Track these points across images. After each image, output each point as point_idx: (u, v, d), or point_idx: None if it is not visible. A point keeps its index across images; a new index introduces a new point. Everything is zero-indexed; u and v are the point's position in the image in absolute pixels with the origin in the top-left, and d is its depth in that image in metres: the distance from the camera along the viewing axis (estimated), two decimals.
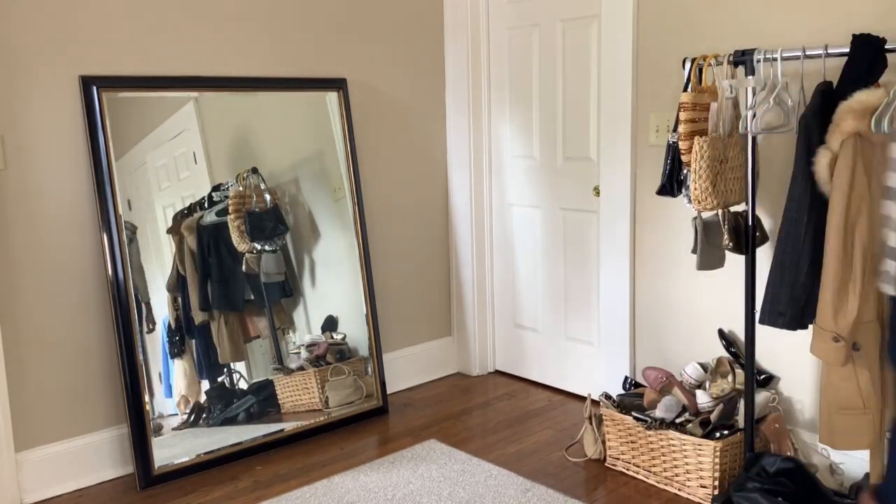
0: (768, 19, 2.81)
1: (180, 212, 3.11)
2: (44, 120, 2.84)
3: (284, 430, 3.29)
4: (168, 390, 3.05)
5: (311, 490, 2.90)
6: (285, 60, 3.43)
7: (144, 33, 3.04)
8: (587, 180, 3.57)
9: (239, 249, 3.23)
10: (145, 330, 2.99)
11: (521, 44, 3.78)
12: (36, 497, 2.89)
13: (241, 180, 3.25)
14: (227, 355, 3.20)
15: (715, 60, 2.59)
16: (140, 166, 3.02)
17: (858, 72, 2.30)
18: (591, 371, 3.67)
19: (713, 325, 3.11)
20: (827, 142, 2.20)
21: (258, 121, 3.33)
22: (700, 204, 2.52)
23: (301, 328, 3.41)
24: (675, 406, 2.86)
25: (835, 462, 2.76)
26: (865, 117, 2.14)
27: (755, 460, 2.63)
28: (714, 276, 3.07)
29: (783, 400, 2.93)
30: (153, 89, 3.06)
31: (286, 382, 3.34)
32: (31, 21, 2.79)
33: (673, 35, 3.09)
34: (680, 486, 2.80)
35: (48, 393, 2.91)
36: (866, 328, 2.18)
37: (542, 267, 3.85)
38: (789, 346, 2.87)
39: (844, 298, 2.15)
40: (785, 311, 2.31)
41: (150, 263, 3.03)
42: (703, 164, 2.47)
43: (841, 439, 2.23)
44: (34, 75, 2.81)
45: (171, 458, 3.01)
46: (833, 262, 2.17)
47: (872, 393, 2.19)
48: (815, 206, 2.25)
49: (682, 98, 2.57)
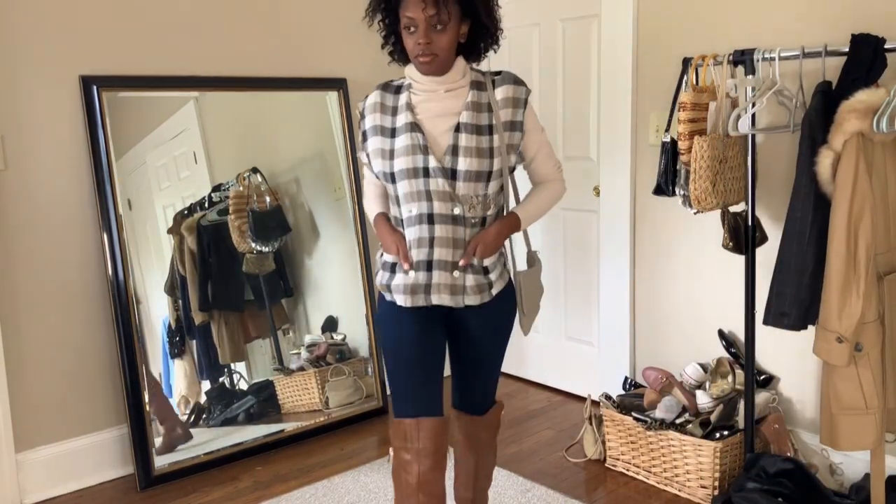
0: (768, 19, 2.80)
1: (180, 212, 3.10)
2: (44, 120, 2.84)
3: (284, 430, 3.29)
4: (168, 390, 3.05)
5: (311, 490, 2.89)
6: (285, 60, 3.43)
7: (144, 33, 3.04)
8: (587, 180, 3.57)
9: (239, 249, 3.23)
10: (145, 330, 2.99)
11: (521, 43, 3.78)
12: (36, 497, 2.89)
13: (242, 180, 3.25)
14: (227, 356, 3.19)
15: (714, 60, 2.59)
16: (140, 166, 3.02)
17: (858, 71, 2.29)
18: (591, 371, 3.67)
19: (713, 326, 3.11)
20: (829, 142, 2.20)
21: (258, 121, 3.33)
22: (700, 204, 2.52)
23: (301, 328, 3.41)
24: (675, 406, 2.86)
25: (835, 462, 2.76)
26: (868, 117, 2.13)
27: (755, 461, 2.63)
28: (714, 276, 3.07)
29: (783, 400, 2.93)
30: (153, 89, 3.06)
31: (286, 383, 3.34)
32: (31, 21, 2.79)
33: (673, 35, 3.09)
34: (680, 487, 2.80)
35: (48, 393, 2.91)
36: (868, 328, 2.18)
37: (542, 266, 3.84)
38: (789, 347, 2.86)
39: (848, 299, 2.15)
40: (789, 312, 2.31)
41: (150, 263, 3.03)
42: (702, 164, 2.47)
43: (843, 440, 2.23)
44: (34, 75, 2.81)
45: (170, 458, 3.01)
46: (836, 262, 2.16)
47: (875, 393, 2.19)
48: (818, 207, 2.25)
49: (681, 98, 2.57)
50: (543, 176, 2.17)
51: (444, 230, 1.98)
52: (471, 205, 1.99)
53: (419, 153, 1.97)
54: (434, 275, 1.99)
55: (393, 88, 2.09)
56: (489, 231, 2.02)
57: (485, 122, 2.00)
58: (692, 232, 3.12)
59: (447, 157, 1.97)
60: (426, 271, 2.00)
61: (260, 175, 3.30)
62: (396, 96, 2.06)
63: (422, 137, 1.97)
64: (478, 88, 2.03)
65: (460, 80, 2.03)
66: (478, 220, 2.01)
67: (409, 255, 2.01)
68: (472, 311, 2.07)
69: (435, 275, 1.99)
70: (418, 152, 1.97)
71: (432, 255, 1.99)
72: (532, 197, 2.16)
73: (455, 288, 2.00)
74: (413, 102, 2.03)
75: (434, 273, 1.99)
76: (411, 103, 2.03)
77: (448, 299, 2.01)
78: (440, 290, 2.00)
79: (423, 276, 2.00)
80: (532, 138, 2.09)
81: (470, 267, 2.02)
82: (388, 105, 2.06)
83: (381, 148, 2.02)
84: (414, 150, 1.97)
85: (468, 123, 1.98)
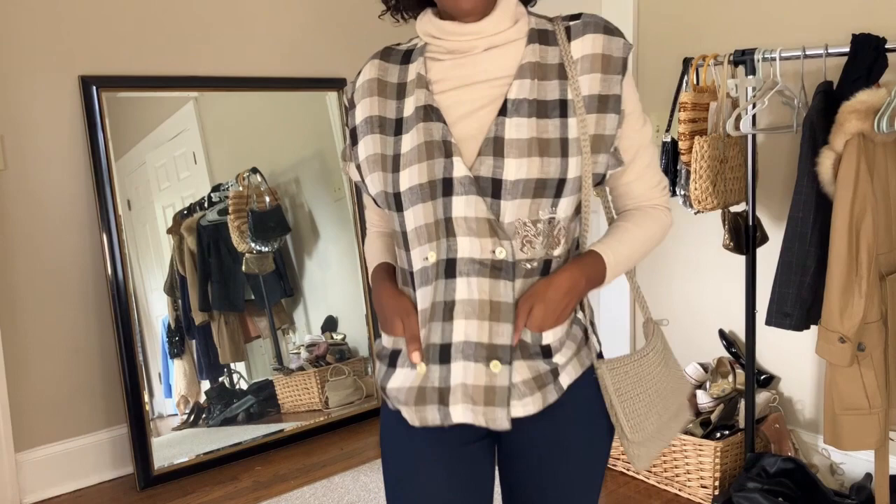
0: (769, 19, 2.81)
1: (180, 212, 3.10)
2: (44, 120, 2.84)
3: (284, 430, 3.29)
4: (168, 390, 3.04)
5: (311, 490, 2.89)
6: (285, 60, 3.43)
7: (144, 33, 3.03)
8: None
9: (239, 249, 3.23)
10: (144, 330, 2.99)
11: None
12: (36, 497, 2.88)
13: (241, 180, 3.25)
14: (227, 355, 3.19)
15: (715, 60, 2.59)
16: (140, 166, 3.01)
17: (859, 72, 2.30)
18: None
19: (713, 325, 3.11)
20: (830, 142, 2.20)
21: (258, 121, 3.33)
22: (700, 204, 2.52)
23: (301, 328, 3.41)
24: None
25: (835, 462, 2.76)
26: (869, 117, 2.14)
27: (755, 460, 2.63)
28: (714, 276, 3.08)
29: (783, 400, 2.93)
30: (153, 89, 3.05)
31: (286, 383, 3.34)
32: (31, 21, 2.79)
33: (673, 35, 3.09)
34: (680, 487, 2.80)
35: (48, 393, 2.91)
36: (871, 329, 2.18)
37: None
38: (790, 347, 2.87)
39: (850, 299, 2.15)
40: (791, 312, 2.31)
41: (150, 263, 3.02)
42: (703, 164, 2.47)
43: (846, 440, 2.23)
44: (34, 75, 2.81)
45: (170, 458, 3.01)
46: (838, 262, 2.17)
47: (877, 393, 2.19)
48: (820, 207, 2.25)
49: (681, 98, 2.57)
50: (640, 197, 1.35)
51: (474, 288, 1.19)
52: (525, 240, 1.20)
53: (437, 155, 1.19)
54: (454, 370, 1.20)
55: (399, 55, 1.32)
56: (555, 282, 1.23)
57: (553, 95, 1.21)
58: (692, 232, 3.12)
59: (484, 160, 1.18)
60: (441, 363, 1.20)
61: (260, 175, 3.30)
62: (404, 67, 1.30)
63: (442, 129, 1.20)
64: (541, 41, 1.24)
65: (509, 28, 1.24)
66: (536, 265, 1.23)
67: (418, 338, 1.23)
68: (528, 423, 1.25)
69: (456, 370, 1.20)
70: (436, 154, 1.19)
71: (450, 335, 1.20)
72: (624, 228, 1.33)
73: (492, 393, 1.19)
74: (430, 72, 1.26)
75: (454, 367, 1.20)
76: (426, 75, 1.26)
77: (480, 415, 1.20)
78: (465, 398, 1.20)
79: (436, 372, 1.21)
80: (632, 127, 1.28)
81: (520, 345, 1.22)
82: (391, 83, 1.30)
83: (380, 153, 1.25)
84: (429, 152, 1.20)
85: (523, 100, 1.19)
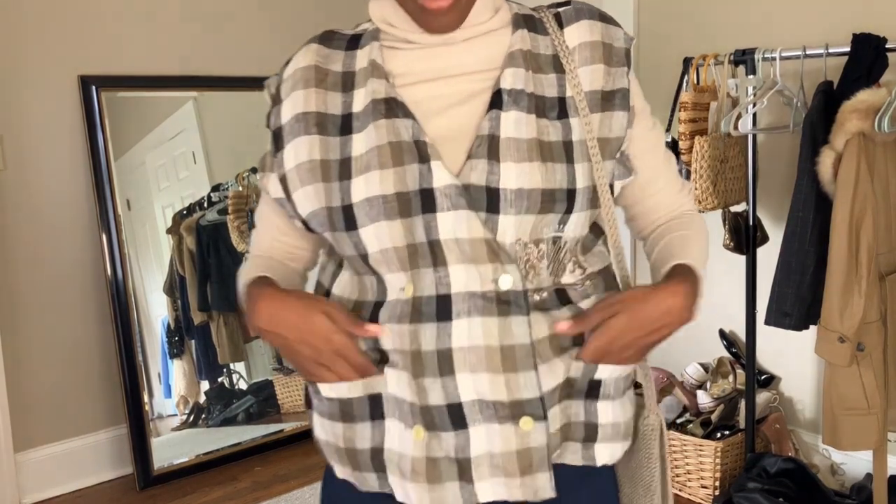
0: (769, 19, 2.80)
1: (179, 212, 3.10)
2: (43, 120, 2.83)
3: (284, 430, 3.29)
4: (167, 390, 3.04)
5: (311, 490, 2.89)
6: (284, 60, 3.42)
7: (144, 33, 3.03)
8: None
9: (238, 250, 3.23)
10: (144, 330, 2.98)
11: None
12: (35, 497, 2.88)
13: (241, 180, 3.25)
14: (226, 355, 3.19)
15: (715, 60, 2.59)
16: (139, 166, 3.01)
17: (859, 71, 2.30)
18: None
19: (714, 325, 3.11)
20: (830, 142, 2.20)
21: (258, 121, 3.31)
22: (700, 204, 2.52)
23: None
24: (676, 406, 2.85)
25: (836, 462, 2.76)
26: (869, 117, 2.14)
27: (756, 461, 2.63)
28: (714, 276, 3.07)
29: (784, 400, 2.92)
30: (153, 89, 3.05)
31: (286, 383, 3.33)
32: (31, 21, 2.78)
33: (673, 35, 3.09)
34: (680, 487, 2.80)
35: (47, 393, 2.90)
36: (871, 328, 2.18)
37: None
38: (790, 347, 2.86)
39: (850, 299, 2.15)
40: (791, 312, 2.31)
41: (149, 263, 3.02)
42: (703, 164, 2.47)
43: (846, 440, 2.23)
44: (34, 75, 2.80)
45: (170, 458, 3.00)
46: (838, 262, 2.16)
47: (877, 393, 2.19)
48: (820, 207, 2.25)
49: (682, 98, 2.57)
50: (670, 205, 1.15)
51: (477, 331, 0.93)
52: (528, 265, 0.96)
53: (409, 160, 0.94)
54: (474, 437, 0.94)
55: (344, 41, 1.10)
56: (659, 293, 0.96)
57: (551, 91, 0.98)
58: None
59: (475, 164, 0.94)
60: (456, 429, 0.94)
61: None
62: (351, 53, 1.06)
63: (412, 126, 0.96)
64: (529, 28, 1.02)
65: (489, 19, 1.01)
66: (546, 296, 0.98)
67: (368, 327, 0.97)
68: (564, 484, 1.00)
69: (476, 436, 0.94)
70: (406, 158, 0.94)
71: (456, 393, 0.93)
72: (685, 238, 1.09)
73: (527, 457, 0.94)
74: (388, 63, 1.02)
75: (474, 432, 0.94)
76: (380, 63, 1.01)
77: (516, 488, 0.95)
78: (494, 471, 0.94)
79: (450, 440, 0.94)
80: (644, 126, 1.08)
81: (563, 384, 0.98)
82: (333, 71, 1.05)
83: (319, 159, 1.01)
84: (395, 156, 0.94)
85: (521, 91, 0.97)
